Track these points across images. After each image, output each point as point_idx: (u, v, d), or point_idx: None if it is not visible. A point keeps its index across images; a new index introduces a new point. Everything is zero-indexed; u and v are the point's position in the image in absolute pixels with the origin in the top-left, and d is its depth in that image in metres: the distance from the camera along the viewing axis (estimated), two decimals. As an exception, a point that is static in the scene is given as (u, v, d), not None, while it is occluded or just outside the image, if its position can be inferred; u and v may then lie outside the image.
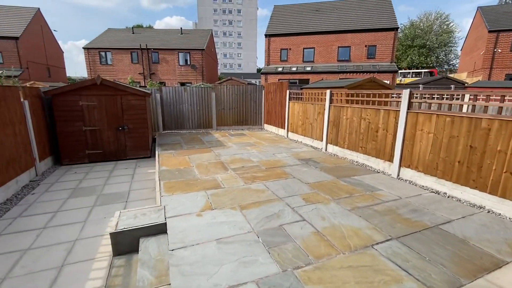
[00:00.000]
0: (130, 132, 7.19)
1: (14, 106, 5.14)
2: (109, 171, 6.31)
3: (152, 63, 26.60)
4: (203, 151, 7.25)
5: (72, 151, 6.76)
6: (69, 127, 6.62)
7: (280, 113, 9.98)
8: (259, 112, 11.53)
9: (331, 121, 7.03)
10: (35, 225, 3.83)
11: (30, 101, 5.81)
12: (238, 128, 11.37)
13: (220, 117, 11.07)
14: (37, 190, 5.12)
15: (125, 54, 26.30)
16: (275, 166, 5.78)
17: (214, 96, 10.77)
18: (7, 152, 4.79)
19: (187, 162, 6.12)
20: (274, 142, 8.59)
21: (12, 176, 4.86)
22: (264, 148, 7.65)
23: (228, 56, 72.03)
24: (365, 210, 3.67)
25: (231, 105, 11.09)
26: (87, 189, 5.21)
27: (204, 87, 10.65)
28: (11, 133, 4.97)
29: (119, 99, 6.93)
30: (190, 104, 10.64)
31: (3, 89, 4.84)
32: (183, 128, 10.78)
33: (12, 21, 25.32)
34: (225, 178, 4.99)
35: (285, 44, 24.24)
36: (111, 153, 7.14)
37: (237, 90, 11.09)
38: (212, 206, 3.77)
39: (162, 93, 10.27)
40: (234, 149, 7.51)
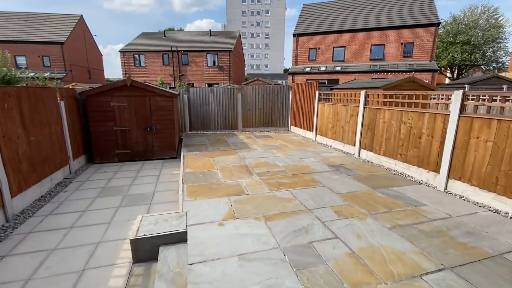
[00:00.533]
0: (158, 132, 7.26)
1: (50, 106, 5.37)
2: (136, 171, 6.39)
3: (182, 64, 27.37)
4: (228, 153, 7.09)
5: (103, 150, 6.99)
6: (101, 127, 6.85)
7: (308, 114, 9.54)
8: (285, 113, 11.17)
9: (365, 124, 6.48)
10: (63, 224, 3.89)
11: (66, 102, 6.07)
12: (263, 129, 11.12)
13: (246, 118, 10.90)
14: (69, 188, 5.29)
15: (157, 56, 27.38)
16: (302, 172, 5.42)
17: (240, 97, 10.63)
18: (43, 151, 5.00)
19: (211, 165, 5.98)
20: (301, 146, 8.19)
21: (47, 173, 5.07)
22: (291, 152, 7.29)
23: (255, 57, 72.26)
24: (408, 230, 3.19)
25: (257, 106, 10.87)
26: (114, 188, 5.28)
27: (230, 88, 10.56)
28: (48, 132, 5.19)
29: (148, 100, 7.02)
30: (216, 105, 10.61)
31: (41, 90, 5.07)
32: (209, 129, 10.78)
33: (58, 27, 27.58)
34: (249, 184, 4.74)
35: (313, 43, 23.54)
36: (139, 153, 7.27)
37: (264, 91, 10.84)
38: (235, 214, 3.54)
39: (190, 94, 10.36)
40: (259, 152, 7.26)
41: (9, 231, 3.69)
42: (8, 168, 3.98)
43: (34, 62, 26.66)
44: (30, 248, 3.30)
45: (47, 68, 26.76)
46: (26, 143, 4.50)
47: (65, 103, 5.96)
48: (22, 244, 3.40)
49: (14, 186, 4.10)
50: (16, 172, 4.18)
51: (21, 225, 3.86)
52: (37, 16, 28.92)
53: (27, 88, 4.67)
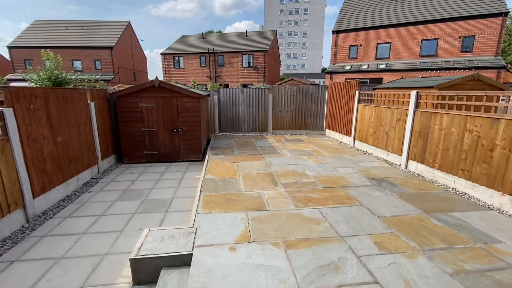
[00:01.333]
0: (184, 134, 7.09)
1: (80, 107, 5.45)
2: (160, 174, 6.26)
3: (218, 66, 27.77)
4: (254, 158, 6.61)
5: (132, 150, 7.02)
6: (129, 127, 6.89)
7: (346, 117, 8.62)
8: (320, 115, 10.33)
9: (416, 130, 5.46)
10: (77, 229, 3.78)
11: (97, 103, 6.16)
12: (295, 132, 10.42)
13: (277, 120, 10.32)
14: (94, 189, 5.30)
15: (195, 58, 28.17)
16: (336, 186, 4.69)
17: (271, 98, 10.09)
18: (71, 151, 5.06)
19: (234, 171, 5.55)
20: (337, 152, 7.36)
21: (73, 173, 5.12)
22: (324, 159, 6.54)
23: (292, 56, 70.98)
24: (480, 279, 2.35)
25: (289, 107, 10.22)
26: (135, 192, 5.15)
27: (261, 89, 10.09)
28: (76, 133, 5.26)
29: (175, 101, 6.88)
30: (246, 106, 10.22)
31: (70, 92, 5.14)
32: (238, 131, 10.44)
33: (108, 33, 29.99)
34: (272, 196, 4.19)
35: (355, 39, 21.96)
36: (165, 155, 7.17)
37: (297, 91, 10.15)
38: (250, 236, 3.02)
39: (220, 95, 10.13)
40: (287, 158, 6.64)
41: (26, 233, 3.66)
42: (31, 169, 4.01)
43: (88, 65, 29.37)
44: (39, 255, 3.18)
45: (98, 71, 29.34)
46: (53, 144, 4.55)
47: (95, 104, 6.06)
48: (33, 249, 3.31)
49: (37, 187, 4.12)
50: (40, 172, 4.21)
51: (39, 227, 3.83)
52: (92, 23, 31.84)
53: (55, 89, 4.73)
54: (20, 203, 3.78)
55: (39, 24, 31.44)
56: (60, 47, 28.60)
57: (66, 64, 29.45)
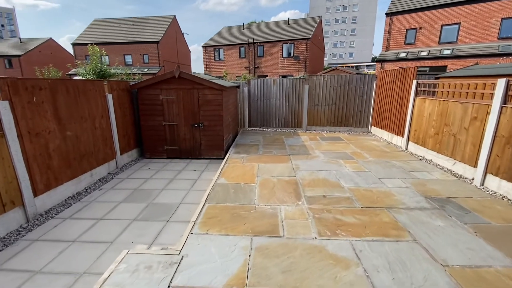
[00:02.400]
0: (205, 129, 6.51)
1: (96, 100, 5.19)
2: (177, 172, 5.79)
3: (257, 56, 26.97)
4: (279, 160, 5.71)
5: (153, 145, 6.72)
6: (150, 121, 6.56)
7: (398, 113, 7.10)
8: (365, 110, 8.85)
9: (502, 135, 3.94)
10: (70, 235, 3.42)
11: (116, 95, 5.90)
12: (334, 129, 9.13)
13: (312, 115, 9.15)
14: (106, 186, 5.04)
15: (234, 50, 27.80)
16: (379, 206, 3.56)
17: (307, 89, 8.94)
18: (83, 146, 4.82)
19: (252, 175, 4.76)
20: (383, 156, 6.02)
21: (86, 169, 4.90)
22: (366, 165, 5.32)
23: (339, 44, 66.37)
24: None
25: (327, 100, 8.95)
26: (144, 192, 4.72)
27: (295, 79, 8.99)
28: (90, 127, 5.01)
29: (196, 93, 6.31)
30: (278, 99, 9.26)
31: (83, 83, 4.88)
32: (269, 126, 9.57)
33: (155, 28, 31.36)
34: (291, 216, 3.29)
35: (413, 22, 18.96)
36: (186, 151, 6.72)
37: (338, 81, 8.81)
38: (246, 280, 2.20)
39: (250, 86, 9.34)
40: (319, 162, 5.58)
41: (22, 235, 3.42)
42: (33, 165, 3.77)
43: (137, 59, 31.24)
44: (20, 265, 2.85)
45: (146, 65, 31.05)
46: (61, 138, 4.31)
47: (114, 96, 5.80)
48: (19, 256, 3.01)
49: (40, 184, 3.90)
50: (44, 169, 3.98)
51: (37, 228, 3.58)
52: (141, 20, 33.66)
53: (65, 81, 4.47)
54: (19, 201, 3.56)
55: (97, 23, 34.41)
56: (114, 43, 30.92)
57: (119, 58, 31.83)
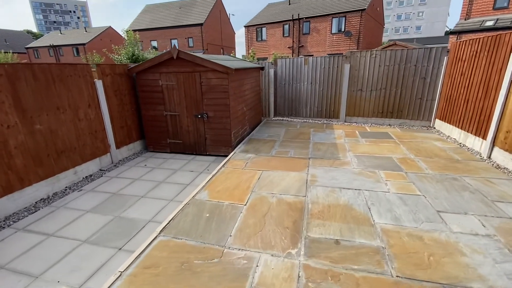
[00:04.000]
0: (210, 121, 5.44)
1: (79, 87, 4.51)
2: (172, 171, 4.92)
3: (302, 34, 24.49)
4: (293, 166, 4.33)
5: (155, 137, 5.97)
6: (151, 110, 5.76)
7: (481, 102, 4.91)
8: (428, 97, 6.61)
9: None
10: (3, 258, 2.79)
11: (110, 80, 5.19)
12: (381, 122, 7.13)
13: (353, 103, 7.26)
14: (88, 186, 4.43)
15: (278, 28, 25.73)
16: (430, 280, 2.02)
17: (348, 70, 7.04)
18: (60, 141, 4.22)
19: (246, 189, 3.54)
20: (451, 168, 4.12)
21: (66, 167, 4.33)
22: (420, 184, 3.60)
23: (404, 17, 57.23)
24: None
25: (375, 84, 6.94)
26: (120, 199, 3.95)
27: (333, 56, 7.15)
28: (70, 118, 4.38)
29: (198, 78, 5.21)
30: (310, 82, 7.58)
31: (59, 68, 4.18)
32: (298, 115, 8.02)
33: (199, 10, 30.99)
34: (268, 282, 2.02)
35: (511, -24, 14.26)
36: (190, 146, 5.80)
37: (390, 59, 6.70)
38: None
39: (277, 68, 7.84)
40: (348, 173, 4.02)
41: (-40, 250, 2.93)
42: (-17, 166, 3.23)
43: (183, 43, 31.58)
44: None
45: (191, 49, 31.22)
46: (26, 133, 3.72)
47: (106, 82, 5.09)
48: None
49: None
50: (3, 169, 3.44)
51: (-21, 242, 3.07)
52: (187, 3, 33.59)
53: (31, 66, 3.80)
54: (-37, 209, 3.07)
55: (149, 9, 35.63)
56: (162, 28, 31.69)
57: (166, 43, 32.72)
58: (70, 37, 37.49)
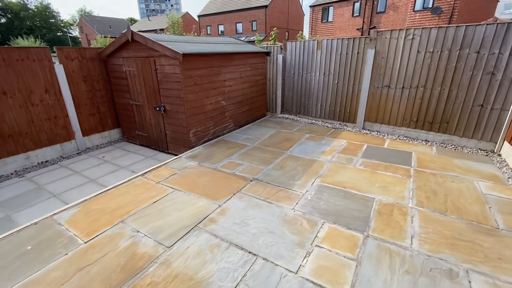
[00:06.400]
0: (168, 115, 4.69)
1: (32, 72, 4.39)
2: (117, 168, 4.47)
3: (376, 13, 20.57)
4: (218, 189, 3.20)
5: (127, 127, 5.63)
6: (120, 98, 5.39)
7: None
8: (496, 104, 4.12)
9: None
10: None
11: (78, 65, 4.97)
12: (416, 135, 4.93)
13: (376, 104, 5.24)
14: (31, 174, 4.37)
15: (347, 7, 22.34)
16: None
17: (372, 57, 5.03)
18: (6, 126, 4.22)
19: (117, 217, 2.71)
20: (471, 247, 2.26)
21: (13, 151, 4.35)
22: (370, 272, 2.03)
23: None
24: None
25: (409, 80, 4.77)
26: (22, 198, 3.69)
27: (354, 39, 5.21)
28: (20, 103, 4.31)
29: (153, 64, 4.46)
30: (323, 73, 5.84)
31: (6, 52, 4.07)
32: (307, 114, 6.41)
33: (264, -9, 29.59)
34: None
35: None
36: (154, 141, 5.22)
37: (437, 41, 4.39)
38: None
39: (286, 53, 6.35)
40: (275, 216, 2.68)
41: None
42: None
43: (247, 27, 31.23)
44: None
45: (254, 32, 30.59)
46: (-38, 117, 3.77)
47: (71, 66, 4.88)
48: None
49: None
50: None
51: None
52: (256, -17, 32.54)
53: (-33, 48, 3.76)
54: None
55: (220, -7, 36.27)
56: (228, 12, 31.92)
57: (231, 27, 32.92)
58: (155, 23, 41.99)
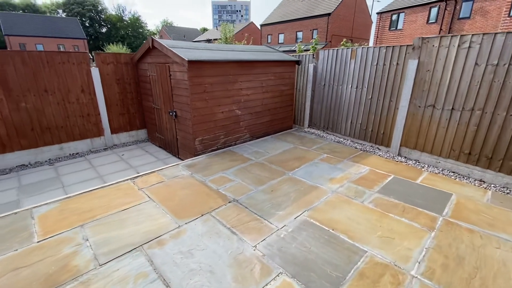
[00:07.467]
0: (179, 121, 4.70)
1: (72, 73, 4.95)
2: (126, 168, 4.67)
3: (458, 19, 17.63)
4: (186, 207, 2.94)
5: (150, 128, 5.91)
6: (145, 101, 5.69)
7: None
8: None
9: None
10: None
11: (112, 69, 5.44)
12: (467, 171, 3.73)
13: (416, 127, 4.21)
14: (60, 164, 4.90)
15: (421, 12, 19.79)
16: None
17: (414, 70, 4.08)
18: (46, 119, 4.84)
19: (71, 224, 2.68)
20: None
21: (50, 142, 4.95)
22: None
23: None
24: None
25: (462, 100, 3.66)
26: (23, 189, 4.09)
27: (392, 48, 4.33)
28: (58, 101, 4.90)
29: (168, 70, 4.53)
30: (356, 86, 5.05)
31: (50, 56, 4.69)
32: (336, 131, 5.65)
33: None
34: None
35: None
36: (168, 144, 5.32)
37: (504, 52, 3.26)
38: None
39: (318, 62, 5.75)
40: (212, 253, 2.26)
41: None
42: (-33, 130, 4.13)
43: (307, 36, 30.68)
44: None
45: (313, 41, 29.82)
46: (12, 109, 4.46)
47: (106, 70, 5.36)
48: None
49: (-21, 148, 4.28)
50: (-15, 135, 4.30)
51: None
52: (321, -8, 31.81)
53: (21, 53, 4.43)
54: None
55: (284, 3, 36.72)
56: (289, 20, 31.97)
57: (291, 36, 32.79)
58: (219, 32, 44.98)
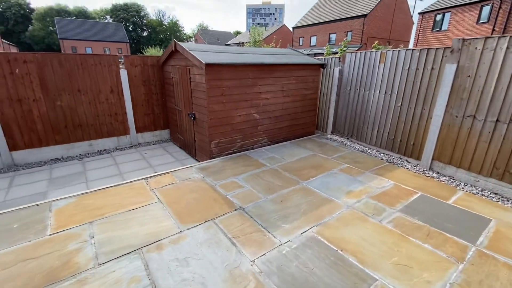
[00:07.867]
0: (197, 124, 4.74)
1: (102, 75, 5.26)
2: (145, 167, 4.82)
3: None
4: (193, 212, 2.90)
5: (172, 129, 6.06)
6: (169, 102, 5.85)
7: None
8: None
9: None
10: None
11: (139, 71, 5.69)
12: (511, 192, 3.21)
13: (453, 139, 3.71)
14: (87, 159, 5.20)
15: (471, 11, 18.03)
16: None
17: (452, 75, 3.61)
18: (78, 117, 5.20)
19: (79, 220, 2.77)
20: None
21: (80, 138, 5.31)
22: None
23: None
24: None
25: (509, 110, 3.16)
26: (51, 182, 4.35)
27: (427, 50, 3.89)
28: (89, 100, 5.23)
29: (188, 73, 4.59)
30: (384, 91, 4.64)
31: (83, 58, 5.03)
32: (361, 139, 5.26)
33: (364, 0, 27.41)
34: None
35: None
36: (187, 145, 5.40)
37: None
38: None
39: (344, 66, 5.43)
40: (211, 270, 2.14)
41: (-20, 177, 4.38)
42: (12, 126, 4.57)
43: (341, 37, 29.66)
44: None
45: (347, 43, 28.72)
46: (48, 107, 4.85)
47: (134, 72, 5.62)
48: None
49: (21, 142, 4.71)
50: (27, 130, 4.72)
51: (-6, 176, 4.42)
52: (358, -8, 30.57)
53: (58, 55, 4.81)
54: (-6, 152, 4.54)
55: (319, 4, 35.94)
56: (322, 23, 31.20)
57: (324, 38, 31.95)
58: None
